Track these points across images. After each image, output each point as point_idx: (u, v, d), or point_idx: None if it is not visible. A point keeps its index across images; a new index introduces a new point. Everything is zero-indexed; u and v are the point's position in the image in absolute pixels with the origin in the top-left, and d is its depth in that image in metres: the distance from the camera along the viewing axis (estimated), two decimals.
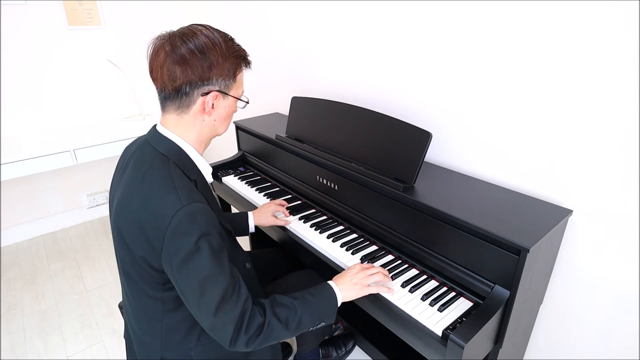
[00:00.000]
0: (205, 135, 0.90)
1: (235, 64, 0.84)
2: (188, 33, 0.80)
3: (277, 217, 1.33)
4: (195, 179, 0.86)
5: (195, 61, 0.78)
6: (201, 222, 0.76)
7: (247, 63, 0.88)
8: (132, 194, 0.81)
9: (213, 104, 0.84)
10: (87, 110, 2.52)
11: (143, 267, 0.81)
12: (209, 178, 0.93)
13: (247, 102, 0.92)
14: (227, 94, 0.86)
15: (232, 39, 0.85)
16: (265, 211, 1.33)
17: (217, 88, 0.83)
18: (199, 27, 0.82)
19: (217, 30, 0.83)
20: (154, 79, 0.82)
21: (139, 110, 2.70)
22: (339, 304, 0.94)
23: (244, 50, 0.87)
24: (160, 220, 0.75)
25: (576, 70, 0.95)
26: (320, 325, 0.92)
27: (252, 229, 1.32)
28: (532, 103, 1.05)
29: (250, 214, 1.32)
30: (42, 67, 2.28)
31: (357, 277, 0.98)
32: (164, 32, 0.82)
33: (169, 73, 0.79)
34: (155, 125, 0.89)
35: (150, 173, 0.81)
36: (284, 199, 1.47)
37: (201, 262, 0.76)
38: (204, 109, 0.84)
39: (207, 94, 0.82)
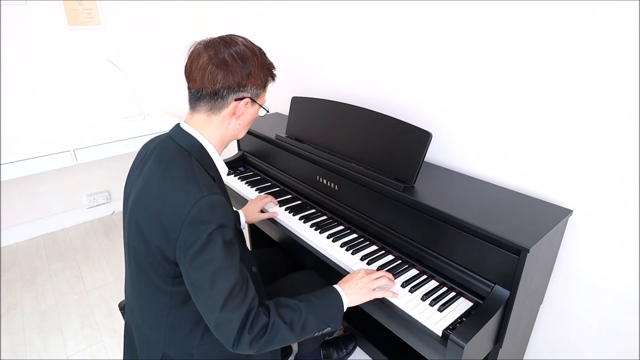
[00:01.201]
0: (228, 138, 0.94)
1: (267, 75, 0.91)
2: (230, 41, 0.86)
3: (264, 212, 1.38)
4: (213, 176, 0.89)
5: (236, 67, 0.84)
6: (220, 214, 0.79)
7: (274, 76, 0.94)
8: (153, 185, 0.84)
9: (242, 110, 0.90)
10: (87, 110, 2.52)
11: (157, 258, 0.82)
12: (225, 178, 0.97)
13: (268, 111, 0.98)
14: (256, 102, 0.91)
15: (264, 53, 0.91)
16: (254, 207, 1.38)
17: (249, 95, 0.89)
18: (239, 38, 0.88)
19: (252, 42, 0.90)
20: (191, 80, 0.87)
21: (139, 110, 2.70)
22: (345, 309, 0.94)
23: (273, 64, 0.93)
24: (179, 210, 0.77)
25: (576, 70, 0.95)
26: (326, 330, 0.92)
27: (243, 225, 1.35)
28: (532, 103, 1.05)
29: (240, 212, 1.36)
30: (42, 67, 2.28)
31: (362, 282, 0.98)
32: (205, 38, 0.88)
33: (211, 76, 0.83)
34: (179, 123, 0.92)
35: (172, 166, 0.84)
36: (284, 199, 1.47)
37: (214, 253, 0.77)
38: (234, 113, 0.89)
39: (240, 99, 0.88)
